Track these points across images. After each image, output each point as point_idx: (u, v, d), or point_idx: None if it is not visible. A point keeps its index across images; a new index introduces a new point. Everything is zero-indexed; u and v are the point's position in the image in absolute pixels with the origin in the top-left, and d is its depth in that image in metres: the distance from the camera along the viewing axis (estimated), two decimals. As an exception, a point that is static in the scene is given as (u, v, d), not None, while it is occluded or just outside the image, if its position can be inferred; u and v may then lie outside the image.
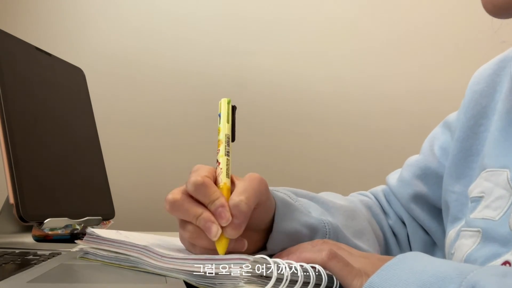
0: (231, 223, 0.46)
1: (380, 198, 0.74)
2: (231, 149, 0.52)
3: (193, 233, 0.48)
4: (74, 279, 0.50)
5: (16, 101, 0.73)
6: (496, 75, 0.59)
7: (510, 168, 0.50)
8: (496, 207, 0.50)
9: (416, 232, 0.69)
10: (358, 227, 0.63)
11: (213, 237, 0.46)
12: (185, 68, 1.47)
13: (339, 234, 0.58)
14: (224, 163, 0.50)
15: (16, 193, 0.67)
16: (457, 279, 0.34)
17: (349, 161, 1.52)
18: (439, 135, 0.68)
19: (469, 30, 1.51)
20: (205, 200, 0.48)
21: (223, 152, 0.51)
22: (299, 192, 0.62)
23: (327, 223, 0.57)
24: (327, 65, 1.53)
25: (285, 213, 0.54)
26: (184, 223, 0.49)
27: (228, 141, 0.52)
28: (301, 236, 0.54)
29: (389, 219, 0.72)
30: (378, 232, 0.68)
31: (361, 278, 0.42)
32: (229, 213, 0.46)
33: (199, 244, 0.49)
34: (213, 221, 0.46)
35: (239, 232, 0.47)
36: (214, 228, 0.46)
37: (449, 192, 0.60)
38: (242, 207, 0.46)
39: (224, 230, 0.46)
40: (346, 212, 0.63)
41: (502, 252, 0.48)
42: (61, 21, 1.45)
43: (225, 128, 0.52)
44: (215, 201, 0.47)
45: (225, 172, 0.50)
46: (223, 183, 0.49)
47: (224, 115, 0.53)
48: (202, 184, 0.47)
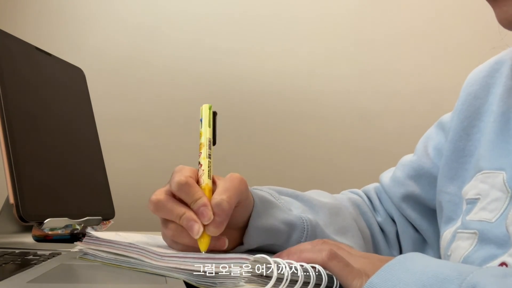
0: (213, 221, 0.48)
1: (371, 196, 0.75)
2: (212, 152, 0.54)
3: (176, 231, 0.51)
4: (74, 279, 0.50)
5: (16, 101, 0.73)
6: (490, 77, 0.60)
7: (506, 170, 0.51)
8: (493, 209, 0.50)
9: (406, 230, 0.70)
10: (342, 224, 0.65)
11: (195, 235, 0.48)
12: (185, 67, 1.47)
13: (317, 231, 0.60)
14: (206, 165, 0.53)
15: (16, 193, 0.67)
16: (457, 280, 0.34)
17: (348, 160, 1.52)
18: (433, 136, 0.69)
19: (469, 30, 1.51)
20: (188, 199, 0.50)
21: (205, 155, 0.53)
22: (283, 191, 0.65)
23: (305, 220, 0.59)
24: (326, 64, 1.53)
25: (262, 210, 0.56)
26: (166, 222, 0.52)
27: (209, 145, 0.54)
28: (279, 232, 0.56)
29: (378, 216, 0.73)
30: (364, 230, 0.69)
31: (361, 279, 0.42)
32: (211, 212, 0.48)
33: (182, 242, 0.51)
34: (195, 220, 0.49)
35: (220, 229, 0.49)
36: (196, 226, 0.48)
37: (443, 193, 0.61)
38: (224, 206, 0.49)
39: (206, 228, 0.49)
40: (330, 210, 0.65)
41: (498, 253, 0.48)
42: (61, 21, 1.45)
43: (206, 132, 0.55)
44: (198, 201, 0.49)
45: (207, 173, 0.52)
46: (205, 183, 0.51)
47: (205, 120, 0.55)
48: (186, 183, 0.50)
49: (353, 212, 0.69)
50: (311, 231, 0.59)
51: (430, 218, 0.68)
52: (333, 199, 0.69)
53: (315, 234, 0.59)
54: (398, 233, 0.72)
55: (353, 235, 0.65)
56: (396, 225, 0.72)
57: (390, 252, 0.71)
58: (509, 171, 0.50)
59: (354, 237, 0.65)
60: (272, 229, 0.56)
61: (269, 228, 0.56)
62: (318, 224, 0.60)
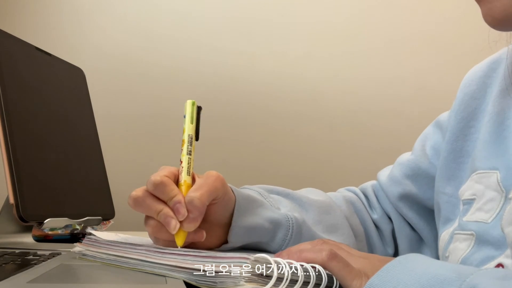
0: (187, 218, 0.51)
1: (368, 193, 0.75)
2: (194, 148, 0.56)
3: (155, 227, 0.53)
4: (74, 279, 0.50)
5: (16, 101, 0.73)
6: (487, 77, 0.60)
7: (499, 169, 0.51)
8: (488, 209, 0.51)
9: (403, 228, 0.71)
10: (332, 222, 0.66)
11: (172, 230, 0.51)
12: (185, 67, 1.47)
13: (303, 229, 0.61)
14: (185, 161, 0.55)
15: (16, 193, 0.67)
16: (457, 282, 0.34)
17: (347, 160, 1.52)
18: (431, 135, 0.69)
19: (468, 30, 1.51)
20: (164, 198, 0.53)
21: (185, 152, 0.55)
22: (274, 190, 0.66)
23: (291, 218, 0.60)
24: (324, 65, 1.53)
25: (246, 208, 0.57)
26: (147, 218, 0.54)
27: (190, 141, 0.56)
28: (263, 230, 0.58)
29: (374, 214, 0.73)
30: (358, 227, 0.70)
31: (360, 279, 0.42)
32: (185, 209, 0.51)
33: (161, 237, 0.54)
34: (172, 216, 0.51)
35: (195, 225, 0.52)
36: (172, 222, 0.51)
37: (441, 194, 0.61)
38: (196, 202, 0.51)
39: (181, 224, 0.51)
40: (320, 208, 0.66)
41: (495, 255, 0.48)
42: (61, 21, 1.45)
43: (188, 129, 0.57)
44: (174, 198, 0.52)
45: (186, 170, 0.55)
46: (183, 180, 0.54)
47: (188, 116, 0.57)
48: (161, 183, 0.52)
49: (345, 210, 0.70)
50: (297, 229, 0.60)
51: (427, 217, 0.68)
52: (325, 197, 0.70)
53: (300, 232, 0.60)
54: (394, 231, 0.72)
55: (343, 233, 0.66)
56: (392, 223, 0.72)
57: (384, 249, 0.72)
58: (502, 170, 0.50)
59: (344, 235, 0.66)
60: (256, 227, 0.57)
61: (253, 226, 0.57)
62: (305, 222, 0.61)
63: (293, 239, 0.60)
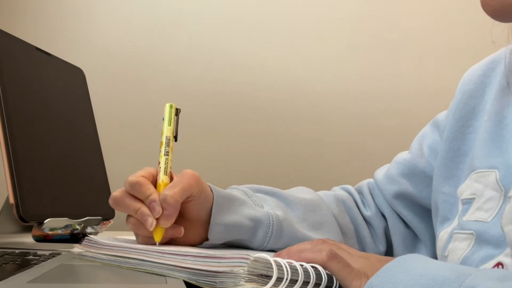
0: (162, 215, 0.54)
1: (363, 191, 0.76)
2: (172, 149, 0.60)
3: (134, 224, 0.57)
4: (74, 279, 0.50)
5: (16, 101, 0.73)
6: (486, 76, 0.60)
7: (498, 168, 0.51)
8: (488, 208, 0.50)
9: (397, 226, 0.71)
10: (318, 220, 0.67)
11: (149, 227, 0.54)
12: (185, 68, 1.47)
13: (284, 227, 0.62)
14: (163, 162, 0.59)
15: (16, 193, 0.67)
16: (456, 282, 0.34)
17: (345, 160, 1.52)
18: (428, 134, 0.69)
19: (467, 29, 1.51)
20: (140, 196, 0.56)
21: (163, 153, 0.60)
22: (261, 189, 0.68)
23: (271, 215, 0.62)
24: (324, 65, 1.53)
25: (225, 206, 0.60)
26: (128, 217, 0.57)
27: (168, 143, 0.60)
28: (243, 228, 0.60)
29: (368, 211, 0.74)
30: (348, 225, 0.71)
31: (360, 280, 0.42)
32: (160, 207, 0.54)
33: (140, 233, 0.57)
34: (148, 214, 0.55)
35: (170, 221, 0.55)
36: (149, 220, 0.54)
37: (438, 193, 0.61)
38: (169, 200, 0.54)
39: (158, 221, 0.54)
40: (306, 206, 0.68)
41: (495, 254, 0.48)
42: (61, 21, 1.45)
43: (166, 131, 0.61)
44: (149, 197, 0.55)
45: (163, 170, 0.59)
46: (161, 180, 0.58)
47: (166, 119, 0.61)
48: (137, 183, 0.56)
49: (335, 208, 0.71)
50: (277, 227, 0.62)
51: (423, 216, 0.69)
52: (313, 195, 0.71)
53: (281, 229, 0.62)
54: (386, 229, 0.73)
55: (329, 231, 0.67)
56: (386, 220, 0.73)
57: (376, 246, 0.73)
58: (501, 169, 0.50)
59: (330, 232, 0.67)
60: (236, 225, 0.59)
61: (232, 223, 0.59)
62: (287, 220, 0.63)
63: (274, 237, 0.61)
